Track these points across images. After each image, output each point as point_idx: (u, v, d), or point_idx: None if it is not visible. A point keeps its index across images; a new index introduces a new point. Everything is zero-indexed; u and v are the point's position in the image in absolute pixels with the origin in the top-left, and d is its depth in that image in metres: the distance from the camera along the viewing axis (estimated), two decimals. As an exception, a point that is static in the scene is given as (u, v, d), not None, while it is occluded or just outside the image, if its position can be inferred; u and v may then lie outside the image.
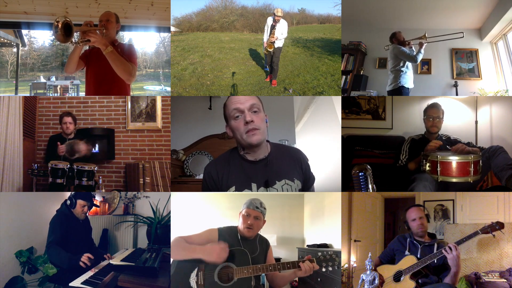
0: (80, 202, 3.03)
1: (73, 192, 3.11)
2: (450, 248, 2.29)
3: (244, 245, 2.17)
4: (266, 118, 1.94)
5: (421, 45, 4.04)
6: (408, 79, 4.12)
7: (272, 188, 1.90)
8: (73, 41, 2.74)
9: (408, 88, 4.14)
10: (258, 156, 1.93)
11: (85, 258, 2.64)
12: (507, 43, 4.64)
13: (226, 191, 1.92)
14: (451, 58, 5.03)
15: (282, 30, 4.64)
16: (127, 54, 3.07)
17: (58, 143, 3.81)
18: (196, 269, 2.08)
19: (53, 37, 2.89)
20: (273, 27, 4.60)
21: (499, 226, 2.42)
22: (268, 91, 4.84)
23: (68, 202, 3.02)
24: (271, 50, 4.63)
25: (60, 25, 2.58)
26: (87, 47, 3.24)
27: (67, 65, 3.12)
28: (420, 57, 4.04)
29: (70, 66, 3.09)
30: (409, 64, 4.11)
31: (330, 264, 2.06)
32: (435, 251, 2.45)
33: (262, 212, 2.22)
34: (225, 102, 1.94)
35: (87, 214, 3.18)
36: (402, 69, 4.08)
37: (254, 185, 1.90)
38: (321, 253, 2.10)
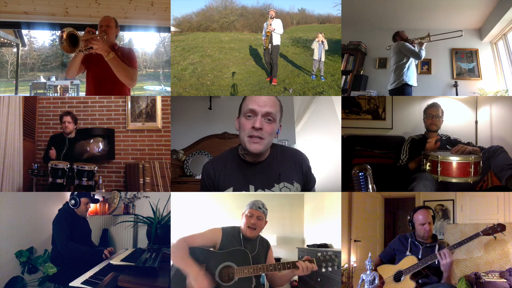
0: (83, 200, 3.10)
1: (75, 192, 3.15)
2: (445, 254, 2.30)
3: (245, 244, 2.19)
4: (279, 129, 1.89)
5: (421, 44, 4.03)
6: (412, 76, 4.10)
7: (270, 191, 1.91)
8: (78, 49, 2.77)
9: (411, 86, 4.11)
10: (258, 158, 1.92)
11: (107, 251, 2.82)
12: (507, 43, 4.64)
13: (224, 191, 1.91)
14: (451, 58, 5.03)
15: (276, 27, 4.69)
16: (127, 59, 3.10)
17: (52, 147, 3.82)
18: (196, 269, 2.09)
19: (60, 47, 2.93)
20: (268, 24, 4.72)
21: (500, 228, 2.42)
22: (268, 90, 4.84)
23: (73, 201, 3.07)
24: (270, 35, 4.68)
25: (65, 36, 2.64)
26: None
27: (68, 70, 3.14)
28: (423, 54, 4.03)
29: (71, 71, 3.11)
30: (412, 60, 4.09)
31: (330, 265, 2.05)
32: (436, 252, 2.46)
33: (264, 212, 2.26)
34: (246, 96, 1.89)
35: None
36: (406, 64, 4.05)
37: (251, 187, 1.89)
38: (321, 254, 2.09)
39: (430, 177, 2.96)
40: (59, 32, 2.66)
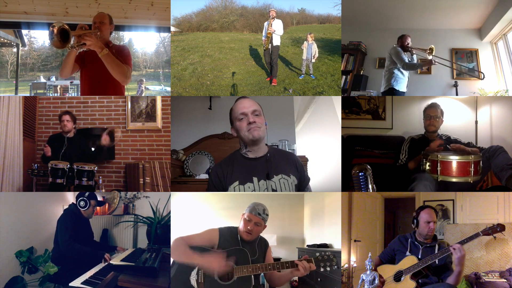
0: (92, 202, 3.15)
1: (86, 194, 3.17)
2: (459, 248, 2.31)
3: (243, 246, 2.20)
4: (266, 121, 2.15)
5: (411, 52, 4.04)
6: (401, 82, 4.09)
7: (270, 181, 2.06)
8: (69, 45, 2.72)
9: (399, 91, 4.11)
10: (258, 154, 2.13)
11: (107, 255, 2.82)
12: (507, 43, 4.64)
13: (230, 185, 2.07)
14: (451, 58, 5.03)
15: (277, 27, 4.71)
16: (121, 56, 3.05)
17: (47, 144, 3.81)
18: (196, 268, 2.09)
19: (50, 43, 2.84)
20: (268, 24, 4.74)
21: (500, 228, 2.41)
22: (268, 91, 4.84)
23: (82, 203, 3.08)
24: (270, 36, 4.71)
25: (56, 31, 2.56)
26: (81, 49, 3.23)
27: (62, 69, 3.09)
28: (409, 68, 4.02)
29: (65, 70, 3.06)
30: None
31: (328, 264, 2.07)
32: (436, 251, 2.46)
33: (264, 218, 2.26)
34: (232, 107, 2.14)
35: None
36: (394, 71, 4.07)
37: (255, 179, 2.06)
38: (319, 253, 2.11)
39: (430, 178, 2.96)
40: (50, 27, 2.56)
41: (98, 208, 3.88)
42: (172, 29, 6.38)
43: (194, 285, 2.06)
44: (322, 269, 2.07)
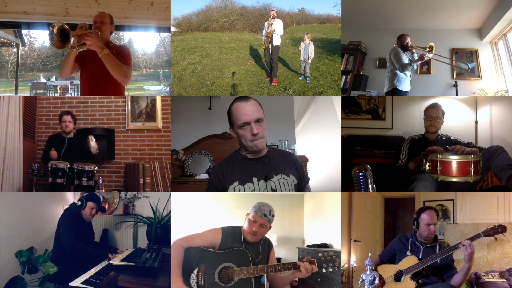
0: (89, 204, 3.09)
1: (85, 194, 3.15)
2: (469, 245, 2.32)
3: (247, 248, 2.16)
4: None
5: (421, 58, 4.02)
6: (403, 82, 4.08)
7: (270, 181, 2.05)
8: (69, 45, 2.71)
9: (402, 91, 4.11)
10: (258, 154, 2.12)
11: (111, 255, 2.81)
12: (507, 43, 4.64)
13: (230, 185, 2.06)
14: (451, 58, 5.03)
15: (277, 27, 4.72)
16: (121, 56, 3.04)
17: (53, 148, 3.81)
18: (196, 270, 2.08)
19: (50, 43, 2.81)
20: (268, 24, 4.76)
21: (501, 229, 2.41)
22: (268, 91, 4.84)
23: (79, 203, 3.07)
24: (270, 36, 4.72)
25: (55, 31, 2.53)
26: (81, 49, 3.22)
27: (62, 69, 3.07)
28: (408, 69, 4.02)
29: (65, 70, 3.04)
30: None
31: (331, 265, 2.05)
32: (437, 252, 2.46)
33: (269, 220, 2.20)
34: (231, 108, 2.06)
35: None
36: (396, 71, 4.07)
37: (255, 179, 2.05)
38: (322, 254, 2.08)
39: (430, 178, 2.95)
40: (50, 27, 2.54)
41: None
42: (172, 29, 6.38)
43: (194, 287, 2.04)
44: (324, 270, 2.04)
